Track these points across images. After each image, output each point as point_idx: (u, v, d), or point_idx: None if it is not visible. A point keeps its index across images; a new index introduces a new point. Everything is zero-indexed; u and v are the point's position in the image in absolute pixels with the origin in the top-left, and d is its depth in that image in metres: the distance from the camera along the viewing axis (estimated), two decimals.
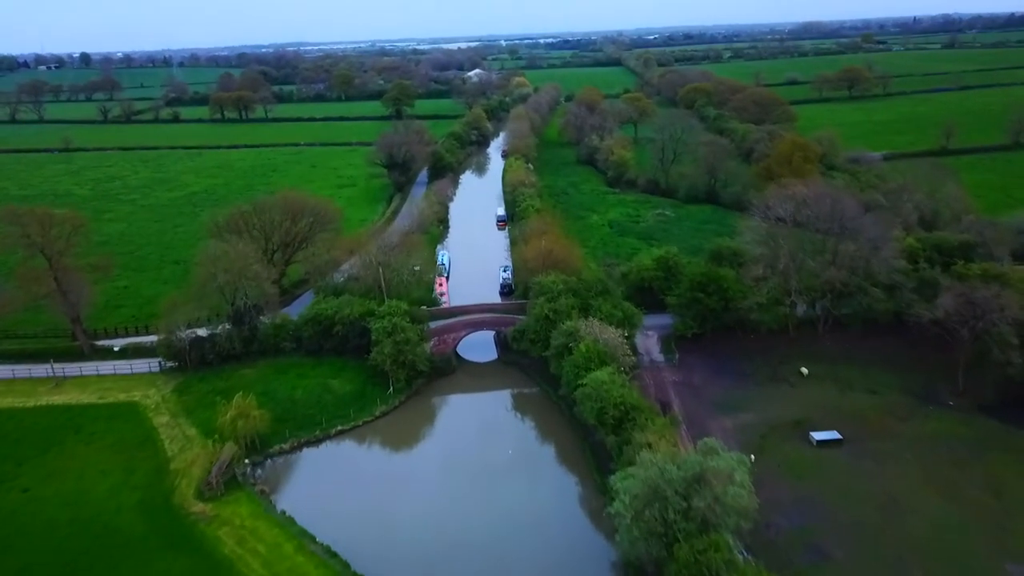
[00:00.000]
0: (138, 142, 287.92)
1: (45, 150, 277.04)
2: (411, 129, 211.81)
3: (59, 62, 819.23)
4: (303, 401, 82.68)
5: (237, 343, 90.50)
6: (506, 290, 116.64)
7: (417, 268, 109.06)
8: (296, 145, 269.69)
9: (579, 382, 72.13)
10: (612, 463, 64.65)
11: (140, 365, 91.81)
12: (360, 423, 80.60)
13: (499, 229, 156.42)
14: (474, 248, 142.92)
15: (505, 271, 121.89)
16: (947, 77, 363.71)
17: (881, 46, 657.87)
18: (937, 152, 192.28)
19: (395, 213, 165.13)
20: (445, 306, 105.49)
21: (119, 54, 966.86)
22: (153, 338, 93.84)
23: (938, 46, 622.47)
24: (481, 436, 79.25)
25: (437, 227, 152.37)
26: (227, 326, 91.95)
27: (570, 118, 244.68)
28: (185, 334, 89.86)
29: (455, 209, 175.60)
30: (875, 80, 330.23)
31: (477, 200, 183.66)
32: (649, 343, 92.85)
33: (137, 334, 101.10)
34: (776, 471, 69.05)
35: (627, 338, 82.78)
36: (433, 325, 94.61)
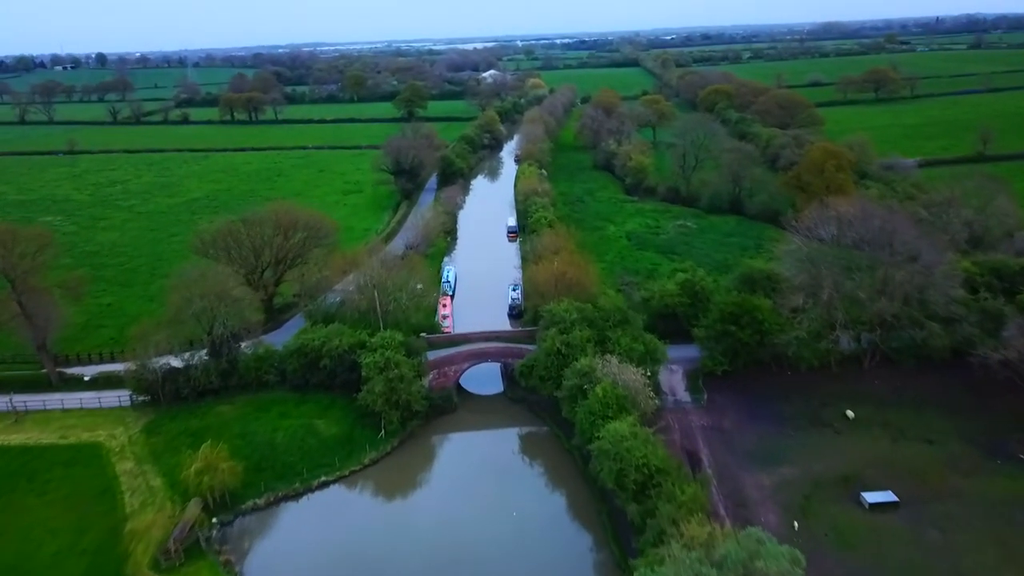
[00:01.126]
0: (145, 144, 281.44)
1: (50, 153, 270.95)
2: (419, 133, 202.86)
3: (75, 62, 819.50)
4: (284, 446, 73.39)
5: (215, 376, 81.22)
6: (515, 311, 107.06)
7: (420, 287, 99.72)
8: (304, 148, 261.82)
9: (595, 434, 62.59)
10: (633, 538, 55.20)
11: (110, 398, 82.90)
12: (347, 472, 71.17)
13: (510, 241, 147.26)
14: (482, 262, 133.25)
15: (514, 290, 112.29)
16: (976, 79, 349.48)
17: (905, 47, 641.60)
18: (975, 159, 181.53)
19: (400, 223, 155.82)
20: (447, 332, 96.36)
21: (136, 55, 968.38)
22: (127, 366, 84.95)
23: (963, 47, 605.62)
24: (482, 492, 69.40)
25: (444, 240, 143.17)
26: (204, 356, 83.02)
27: (586, 121, 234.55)
28: (158, 365, 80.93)
29: (464, 218, 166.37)
30: (902, 82, 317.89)
31: (488, 208, 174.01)
32: (674, 380, 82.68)
33: (112, 360, 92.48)
34: (823, 540, 59.46)
35: (650, 377, 73.05)
36: (432, 356, 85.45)
